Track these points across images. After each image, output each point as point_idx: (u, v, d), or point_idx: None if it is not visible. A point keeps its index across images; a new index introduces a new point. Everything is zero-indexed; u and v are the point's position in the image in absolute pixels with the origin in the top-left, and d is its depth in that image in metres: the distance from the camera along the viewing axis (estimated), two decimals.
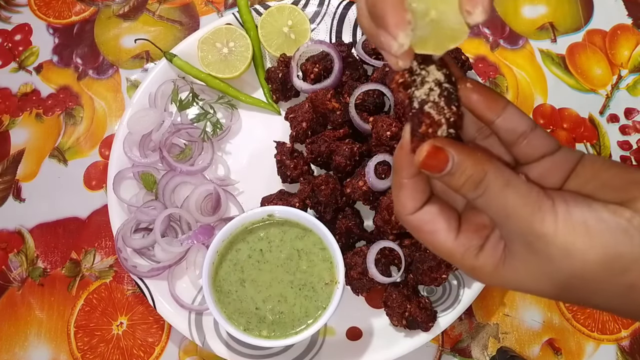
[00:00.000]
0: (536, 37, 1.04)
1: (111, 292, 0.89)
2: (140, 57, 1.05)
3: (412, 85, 0.41)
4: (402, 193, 0.45)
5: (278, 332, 0.74)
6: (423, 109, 0.40)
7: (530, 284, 0.42)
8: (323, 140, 0.83)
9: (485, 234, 0.44)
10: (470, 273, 0.45)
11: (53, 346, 0.86)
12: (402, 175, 0.44)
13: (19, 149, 0.99)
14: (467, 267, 0.44)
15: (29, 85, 1.04)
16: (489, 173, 0.40)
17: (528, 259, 0.40)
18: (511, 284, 0.43)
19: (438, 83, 0.40)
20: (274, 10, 0.95)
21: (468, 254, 0.44)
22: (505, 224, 0.40)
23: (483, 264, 0.43)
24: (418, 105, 0.40)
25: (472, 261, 0.44)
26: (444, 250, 0.44)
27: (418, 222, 0.45)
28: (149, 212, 0.85)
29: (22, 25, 1.09)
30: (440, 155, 0.40)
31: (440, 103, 0.40)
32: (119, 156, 0.89)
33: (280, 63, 0.91)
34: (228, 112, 0.94)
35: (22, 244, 0.92)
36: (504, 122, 0.43)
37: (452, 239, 0.44)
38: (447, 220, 0.44)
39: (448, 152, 0.40)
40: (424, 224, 0.45)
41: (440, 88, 0.40)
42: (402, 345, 0.79)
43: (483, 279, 0.44)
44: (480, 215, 0.45)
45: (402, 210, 0.45)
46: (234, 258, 0.77)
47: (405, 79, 0.41)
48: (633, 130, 0.97)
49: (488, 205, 0.40)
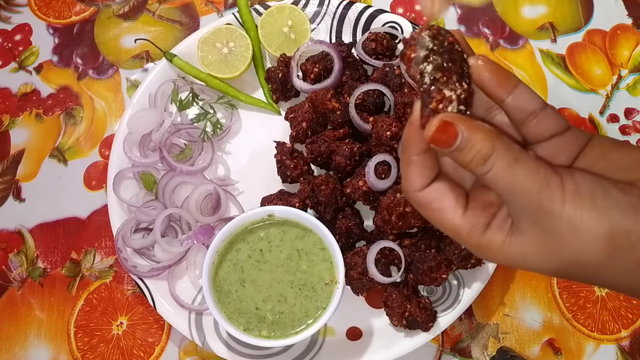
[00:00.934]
0: (536, 37, 1.04)
1: (111, 292, 0.89)
2: (140, 57, 1.05)
3: (424, 60, 0.41)
4: (411, 169, 0.45)
5: (278, 332, 0.74)
6: (434, 84, 0.40)
7: (536, 260, 0.42)
8: (323, 140, 0.83)
9: (492, 212, 0.44)
10: (477, 250, 0.45)
11: (53, 346, 0.86)
12: (412, 151, 0.44)
13: (19, 149, 0.99)
14: (474, 244, 0.44)
15: (29, 85, 1.04)
16: (498, 148, 0.40)
17: (535, 235, 0.41)
18: (517, 261, 0.43)
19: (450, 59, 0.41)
20: (274, 10, 0.95)
21: (475, 231, 0.44)
22: (513, 200, 0.40)
23: (490, 240, 0.43)
24: (429, 81, 0.41)
25: (478, 238, 0.44)
26: (450, 228, 0.45)
27: (426, 199, 0.45)
28: (149, 212, 0.85)
29: (22, 25, 1.09)
30: (449, 130, 0.40)
31: (452, 79, 0.40)
32: (119, 156, 0.89)
33: (280, 63, 0.91)
34: (228, 112, 0.94)
35: (22, 244, 0.92)
36: (515, 100, 0.43)
37: (459, 216, 0.44)
38: (455, 197, 0.45)
39: (457, 126, 0.40)
40: (432, 201, 0.45)
41: (452, 64, 0.41)
42: (402, 345, 0.79)
43: (489, 256, 0.44)
44: (487, 193, 0.45)
45: (410, 186, 0.45)
46: (234, 258, 0.77)
47: (418, 54, 0.41)
48: (633, 130, 0.97)
49: (496, 181, 0.40)
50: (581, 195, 0.39)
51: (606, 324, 0.85)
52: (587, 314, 0.86)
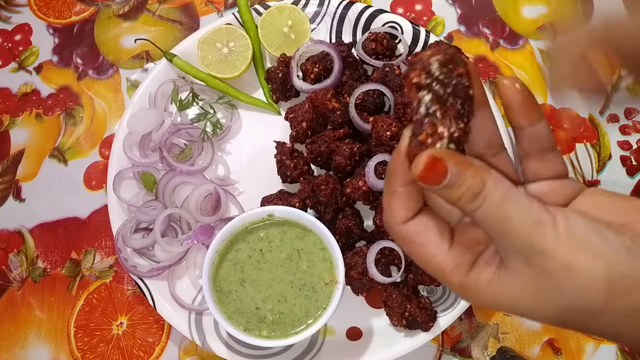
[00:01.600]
0: (536, 37, 1.04)
1: (111, 292, 0.89)
2: (140, 57, 1.05)
3: (425, 87, 0.38)
4: (395, 200, 0.43)
5: (278, 332, 0.74)
6: (428, 116, 0.38)
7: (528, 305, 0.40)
8: (323, 140, 0.83)
9: (479, 250, 0.42)
10: (460, 291, 0.42)
11: (53, 346, 0.86)
12: (397, 181, 0.42)
13: (19, 149, 0.99)
14: (456, 283, 0.42)
15: (29, 85, 1.04)
16: (488, 184, 0.38)
17: (526, 275, 0.39)
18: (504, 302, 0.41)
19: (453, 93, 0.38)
20: (274, 10, 0.95)
21: (459, 269, 0.41)
22: (503, 238, 0.39)
23: (475, 280, 0.41)
24: (424, 111, 0.38)
25: (462, 277, 0.41)
26: (433, 264, 0.42)
27: (408, 233, 0.43)
28: (149, 212, 0.85)
29: (22, 25, 1.09)
30: (438, 166, 0.38)
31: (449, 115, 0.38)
32: (119, 156, 0.89)
33: (280, 63, 0.91)
34: (228, 112, 0.94)
35: (22, 244, 0.92)
36: (534, 132, 0.42)
37: (443, 252, 0.42)
38: (439, 232, 0.42)
39: (447, 162, 0.38)
40: (415, 235, 0.43)
41: (454, 99, 0.38)
42: (402, 345, 0.79)
43: (473, 297, 0.42)
44: (474, 231, 0.43)
45: (393, 219, 0.43)
46: (234, 258, 0.77)
47: (420, 80, 0.38)
48: (633, 130, 0.97)
49: (486, 218, 0.39)
50: (575, 235, 0.37)
51: None
52: None
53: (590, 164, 0.94)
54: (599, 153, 0.95)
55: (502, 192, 0.38)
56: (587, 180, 0.93)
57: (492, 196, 0.38)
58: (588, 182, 0.93)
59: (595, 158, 0.95)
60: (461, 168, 0.38)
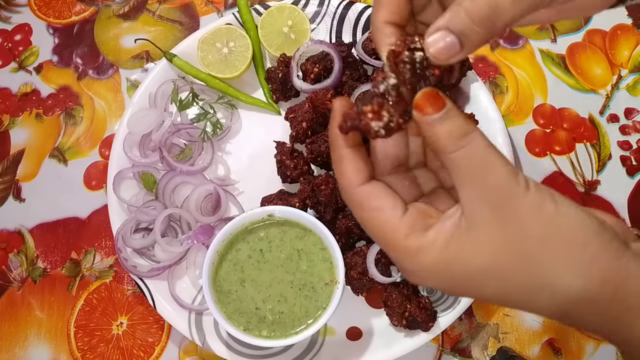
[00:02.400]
0: (536, 37, 1.04)
1: (111, 292, 0.89)
2: (140, 57, 1.05)
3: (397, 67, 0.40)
4: (345, 164, 0.43)
5: (278, 332, 0.74)
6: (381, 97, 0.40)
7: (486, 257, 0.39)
8: (323, 140, 0.83)
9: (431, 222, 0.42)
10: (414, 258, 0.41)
11: (53, 346, 0.86)
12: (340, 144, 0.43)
13: (19, 149, 0.99)
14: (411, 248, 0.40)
15: (29, 85, 1.04)
16: (476, 130, 0.40)
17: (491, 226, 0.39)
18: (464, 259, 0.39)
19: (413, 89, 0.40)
20: (274, 10, 0.95)
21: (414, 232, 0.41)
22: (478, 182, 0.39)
23: (433, 239, 0.40)
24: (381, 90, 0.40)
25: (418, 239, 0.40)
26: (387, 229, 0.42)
27: (363, 196, 0.42)
28: (149, 212, 0.85)
29: (22, 25, 1.09)
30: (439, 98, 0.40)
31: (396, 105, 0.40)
32: (119, 156, 0.89)
33: (280, 63, 0.91)
34: (228, 112, 0.94)
35: (22, 244, 0.92)
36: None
37: (397, 216, 0.41)
38: (394, 198, 0.42)
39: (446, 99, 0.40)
40: (371, 197, 0.42)
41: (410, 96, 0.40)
42: (402, 345, 0.79)
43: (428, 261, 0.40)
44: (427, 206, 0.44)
45: (348, 182, 0.43)
46: (234, 258, 0.77)
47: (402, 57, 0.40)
48: (633, 130, 0.97)
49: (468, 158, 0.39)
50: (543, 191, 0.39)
51: None
52: None
53: (590, 164, 0.94)
54: (599, 153, 0.95)
55: (487, 140, 0.40)
56: (587, 180, 0.93)
57: (480, 139, 0.39)
58: (588, 182, 0.93)
59: (595, 158, 0.95)
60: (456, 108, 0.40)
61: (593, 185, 0.93)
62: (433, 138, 0.40)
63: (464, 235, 0.40)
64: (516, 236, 0.39)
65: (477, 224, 0.39)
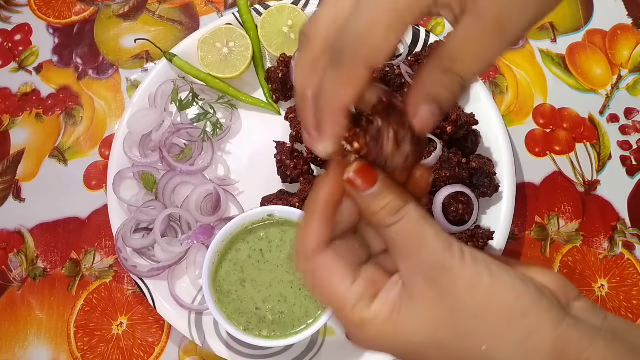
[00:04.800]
0: (536, 37, 1.04)
1: (111, 292, 0.89)
2: (140, 57, 1.05)
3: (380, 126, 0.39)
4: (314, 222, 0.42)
5: (278, 332, 0.74)
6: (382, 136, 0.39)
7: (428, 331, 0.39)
8: None
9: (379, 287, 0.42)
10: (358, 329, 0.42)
11: (53, 346, 0.86)
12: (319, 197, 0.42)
13: (19, 149, 0.99)
14: (356, 320, 0.41)
15: (29, 85, 1.04)
16: (410, 203, 0.40)
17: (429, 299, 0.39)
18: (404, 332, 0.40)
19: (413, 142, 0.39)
20: (274, 10, 0.95)
21: (360, 304, 0.41)
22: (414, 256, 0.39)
23: (376, 312, 0.40)
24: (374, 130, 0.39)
25: (362, 312, 0.41)
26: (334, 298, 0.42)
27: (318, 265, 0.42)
28: (149, 212, 0.85)
29: (22, 25, 1.09)
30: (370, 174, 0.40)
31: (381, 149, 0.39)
32: (119, 156, 0.89)
33: (280, 63, 0.91)
34: (228, 112, 0.94)
35: (22, 244, 0.92)
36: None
37: (347, 286, 0.41)
38: (345, 266, 0.42)
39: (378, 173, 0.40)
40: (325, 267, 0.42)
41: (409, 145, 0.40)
42: None
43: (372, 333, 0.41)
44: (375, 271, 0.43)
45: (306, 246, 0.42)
46: (234, 258, 0.77)
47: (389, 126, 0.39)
48: (633, 130, 0.97)
49: (402, 233, 0.40)
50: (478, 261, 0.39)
51: None
52: None
53: (590, 164, 0.94)
54: (599, 153, 0.95)
55: (421, 213, 0.40)
56: (587, 180, 0.93)
57: (413, 213, 0.40)
58: (588, 182, 0.93)
59: (595, 158, 0.95)
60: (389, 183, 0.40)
61: (593, 185, 0.93)
62: (367, 212, 0.41)
63: (404, 307, 0.40)
64: (453, 312, 0.39)
65: (415, 297, 0.40)
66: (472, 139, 0.86)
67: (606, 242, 0.89)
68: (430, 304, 0.39)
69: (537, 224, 0.90)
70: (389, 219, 0.40)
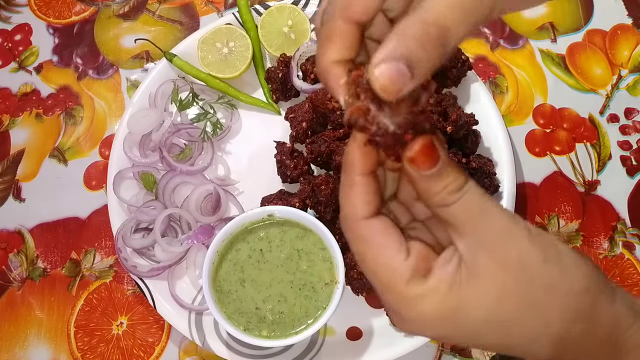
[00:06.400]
0: (536, 37, 1.04)
1: (111, 292, 0.89)
2: (140, 57, 1.05)
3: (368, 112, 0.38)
4: (354, 192, 0.40)
5: (278, 332, 0.74)
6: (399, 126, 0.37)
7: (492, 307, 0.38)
8: (323, 140, 0.83)
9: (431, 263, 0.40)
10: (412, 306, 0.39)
11: (53, 346, 0.86)
12: (355, 170, 0.40)
13: (19, 149, 0.99)
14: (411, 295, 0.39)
15: (29, 85, 1.04)
16: (470, 181, 0.39)
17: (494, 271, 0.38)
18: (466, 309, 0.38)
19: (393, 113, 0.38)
20: (274, 10, 0.95)
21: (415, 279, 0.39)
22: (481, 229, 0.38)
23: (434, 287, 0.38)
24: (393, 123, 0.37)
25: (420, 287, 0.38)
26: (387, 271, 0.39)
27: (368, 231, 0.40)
28: (149, 212, 0.85)
29: (22, 25, 1.09)
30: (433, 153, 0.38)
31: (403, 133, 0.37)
32: (119, 156, 0.89)
33: (280, 63, 0.91)
34: (228, 112, 0.94)
35: (22, 244, 0.92)
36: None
37: (402, 259, 0.39)
38: (400, 238, 0.40)
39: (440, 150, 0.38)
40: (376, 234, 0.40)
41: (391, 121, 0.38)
42: (402, 345, 0.79)
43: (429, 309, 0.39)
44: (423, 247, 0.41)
45: (353, 213, 0.40)
46: (234, 258, 0.77)
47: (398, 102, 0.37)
48: (633, 130, 0.97)
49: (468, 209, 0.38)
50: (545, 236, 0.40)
51: None
52: None
53: (590, 164, 0.94)
54: (599, 153, 0.95)
55: (481, 189, 0.40)
56: (587, 180, 0.93)
57: (474, 190, 0.39)
58: (588, 182, 0.93)
59: (595, 158, 0.95)
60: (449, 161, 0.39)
61: (593, 185, 0.93)
62: (428, 193, 0.39)
63: (466, 283, 0.38)
64: (520, 283, 0.38)
65: (479, 273, 0.38)
66: (472, 139, 0.86)
67: (606, 242, 0.89)
68: (494, 277, 0.38)
69: (537, 224, 0.90)
70: (451, 197, 0.38)
